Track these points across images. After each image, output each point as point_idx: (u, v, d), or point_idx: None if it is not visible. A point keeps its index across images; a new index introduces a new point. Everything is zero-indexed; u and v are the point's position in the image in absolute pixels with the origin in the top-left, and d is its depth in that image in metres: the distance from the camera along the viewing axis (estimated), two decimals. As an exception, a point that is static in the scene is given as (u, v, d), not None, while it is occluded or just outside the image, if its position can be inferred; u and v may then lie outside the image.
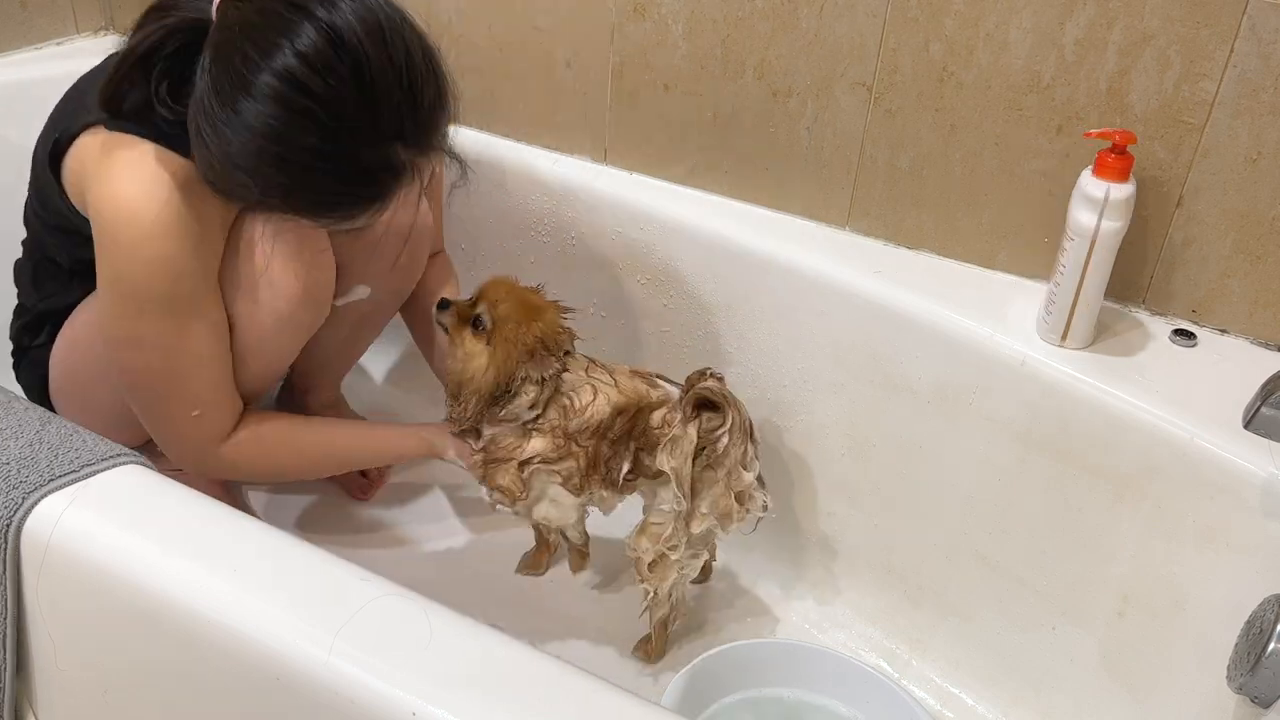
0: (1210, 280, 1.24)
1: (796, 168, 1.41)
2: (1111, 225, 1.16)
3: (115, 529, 0.94)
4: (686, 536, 1.25)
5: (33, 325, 1.31)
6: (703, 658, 1.25)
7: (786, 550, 1.48)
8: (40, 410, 1.07)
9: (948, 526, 1.34)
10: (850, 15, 1.29)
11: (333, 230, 1.17)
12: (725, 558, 1.48)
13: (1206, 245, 1.22)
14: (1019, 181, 1.29)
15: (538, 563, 1.47)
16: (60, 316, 1.28)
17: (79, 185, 1.13)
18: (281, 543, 0.94)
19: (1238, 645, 0.99)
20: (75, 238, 1.18)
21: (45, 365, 1.30)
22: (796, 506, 1.47)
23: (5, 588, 0.96)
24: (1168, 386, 1.18)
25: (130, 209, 1.08)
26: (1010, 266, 1.34)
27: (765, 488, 1.25)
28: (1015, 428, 1.25)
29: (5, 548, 0.94)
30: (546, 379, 1.23)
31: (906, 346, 1.31)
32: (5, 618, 0.98)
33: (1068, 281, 1.20)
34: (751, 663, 1.29)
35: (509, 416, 1.25)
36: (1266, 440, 1.00)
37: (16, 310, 1.34)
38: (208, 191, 1.07)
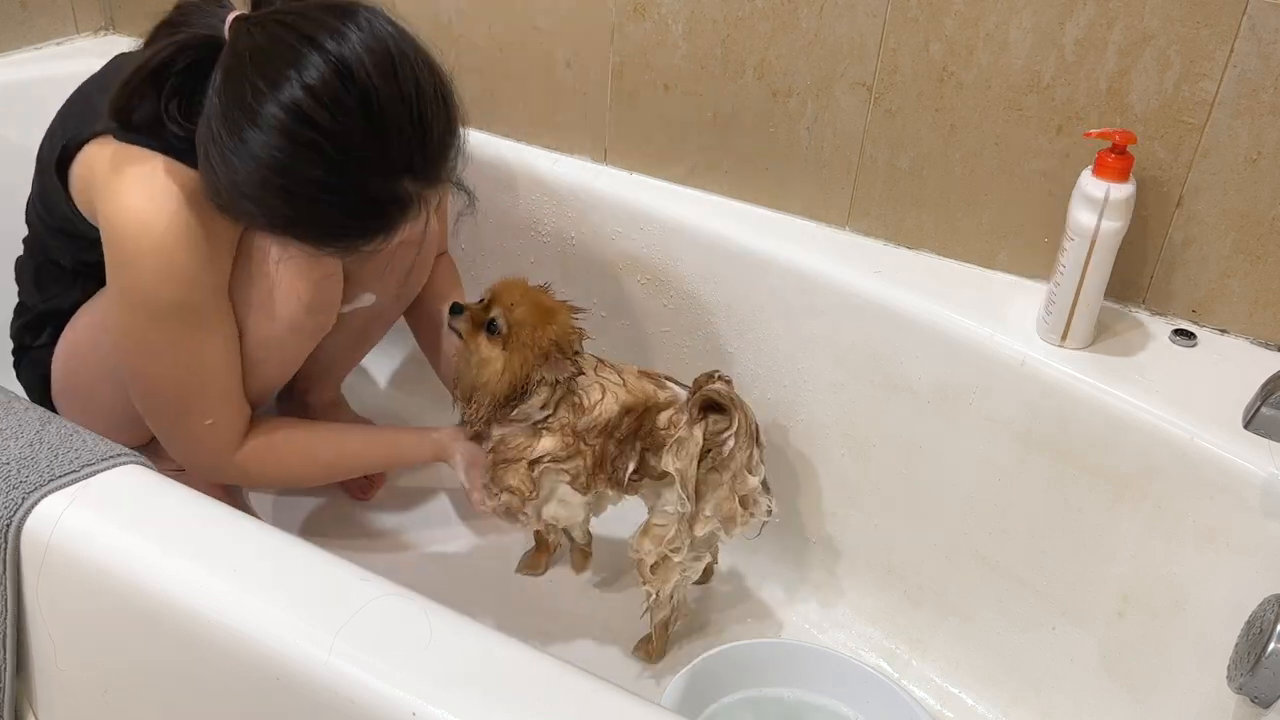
0: (1210, 280, 1.24)
1: (796, 168, 1.41)
2: (1111, 225, 1.16)
3: (115, 529, 0.94)
4: (690, 539, 1.24)
5: (34, 325, 1.30)
6: (703, 657, 1.25)
7: (786, 550, 1.48)
8: (40, 410, 1.07)
9: (948, 526, 1.34)
10: (850, 15, 1.29)
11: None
12: (726, 558, 1.48)
13: (1206, 245, 1.22)
14: (1019, 181, 1.28)
15: (537, 563, 1.47)
16: (63, 317, 1.28)
17: (87, 193, 1.13)
18: (281, 543, 0.94)
19: (1238, 645, 0.99)
20: (80, 241, 1.18)
21: (46, 366, 1.30)
22: (796, 506, 1.47)
23: (5, 588, 0.96)
24: (1168, 386, 1.18)
25: (141, 220, 1.08)
26: (1010, 266, 1.34)
27: (770, 492, 1.25)
28: (1015, 428, 1.25)
29: (5, 548, 0.94)
30: (560, 381, 1.23)
31: (906, 346, 1.31)
32: (5, 618, 0.98)
33: (1068, 281, 1.20)
34: (751, 663, 1.29)
35: (520, 417, 1.25)
36: (1266, 440, 1.00)
37: (17, 309, 1.34)
38: None
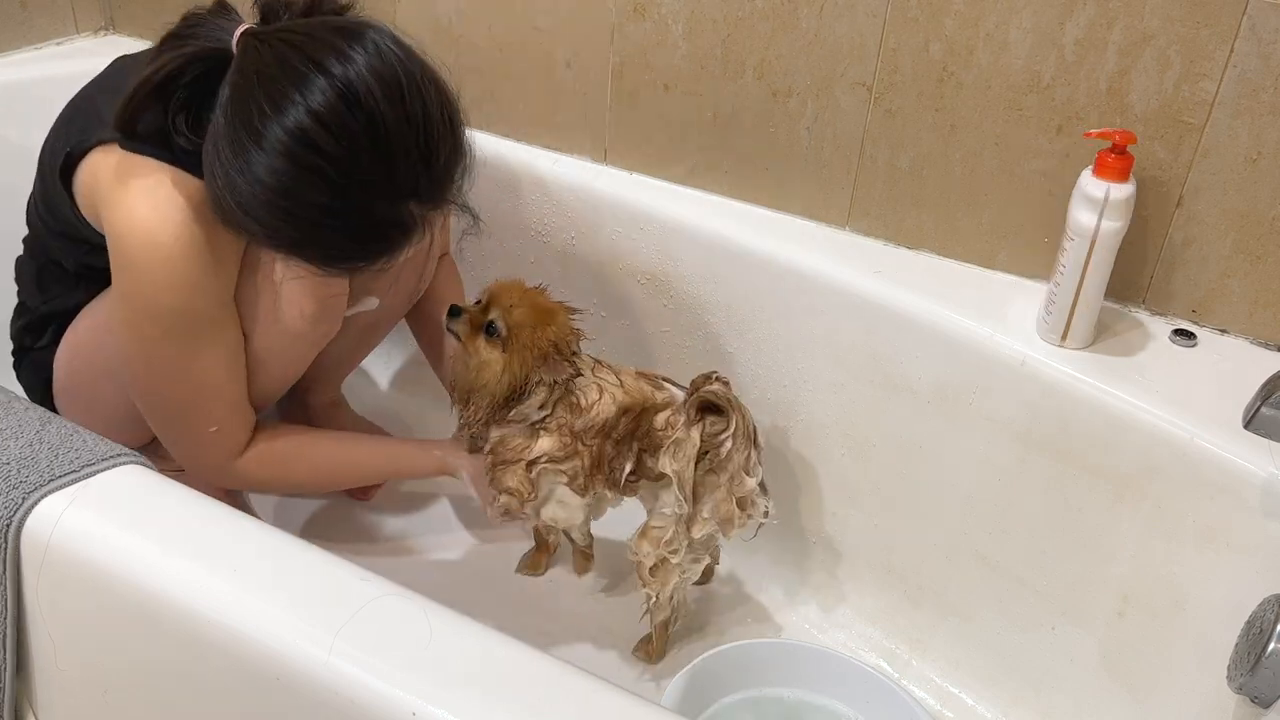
0: (1210, 280, 1.24)
1: (796, 168, 1.41)
2: (1111, 225, 1.16)
3: (115, 529, 0.94)
4: (687, 540, 1.24)
5: (36, 326, 1.30)
6: (703, 658, 1.25)
7: (786, 550, 1.48)
8: (40, 410, 1.07)
9: (948, 526, 1.34)
10: (850, 15, 1.29)
11: None
12: (726, 558, 1.48)
13: (1206, 245, 1.22)
14: (1019, 181, 1.28)
15: (537, 563, 1.47)
16: (64, 319, 1.28)
17: (92, 200, 1.13)
18: (281, 543, 0.94)
19: (1238, 645, 0.99)
20: (83, 246, 1.18)
21: (48, 367, 1.29)
22: (796, 507, 1.47)
23: (5, 588, 0.96)
24: (1168, 386, 1.18)
25: (147, 230, 1.08)
26: (1010, 266, 1.34)
27: (768, 494, 1.25)
28: (1015, 428, 1.25)
29: (5, 548, 0.94)
30: (558, 383, 1.23)
31: (906, 346, 1.31)
32: (5, 618, 0.97)
33: (1068, 281, 1.20)
34: (752, 663, 1.29)
35: (518, 418, 1.25)
36: (1266, 440, 1.00)
37: (18, 310, 1.34)
38: None
